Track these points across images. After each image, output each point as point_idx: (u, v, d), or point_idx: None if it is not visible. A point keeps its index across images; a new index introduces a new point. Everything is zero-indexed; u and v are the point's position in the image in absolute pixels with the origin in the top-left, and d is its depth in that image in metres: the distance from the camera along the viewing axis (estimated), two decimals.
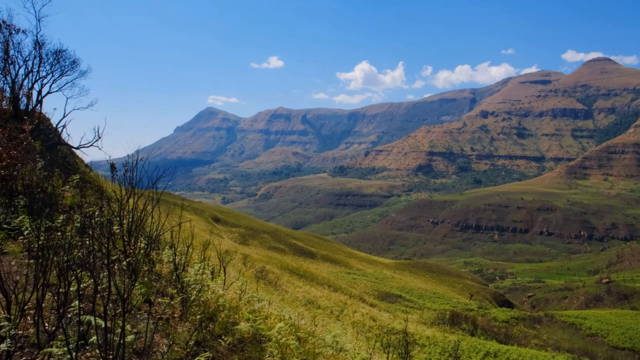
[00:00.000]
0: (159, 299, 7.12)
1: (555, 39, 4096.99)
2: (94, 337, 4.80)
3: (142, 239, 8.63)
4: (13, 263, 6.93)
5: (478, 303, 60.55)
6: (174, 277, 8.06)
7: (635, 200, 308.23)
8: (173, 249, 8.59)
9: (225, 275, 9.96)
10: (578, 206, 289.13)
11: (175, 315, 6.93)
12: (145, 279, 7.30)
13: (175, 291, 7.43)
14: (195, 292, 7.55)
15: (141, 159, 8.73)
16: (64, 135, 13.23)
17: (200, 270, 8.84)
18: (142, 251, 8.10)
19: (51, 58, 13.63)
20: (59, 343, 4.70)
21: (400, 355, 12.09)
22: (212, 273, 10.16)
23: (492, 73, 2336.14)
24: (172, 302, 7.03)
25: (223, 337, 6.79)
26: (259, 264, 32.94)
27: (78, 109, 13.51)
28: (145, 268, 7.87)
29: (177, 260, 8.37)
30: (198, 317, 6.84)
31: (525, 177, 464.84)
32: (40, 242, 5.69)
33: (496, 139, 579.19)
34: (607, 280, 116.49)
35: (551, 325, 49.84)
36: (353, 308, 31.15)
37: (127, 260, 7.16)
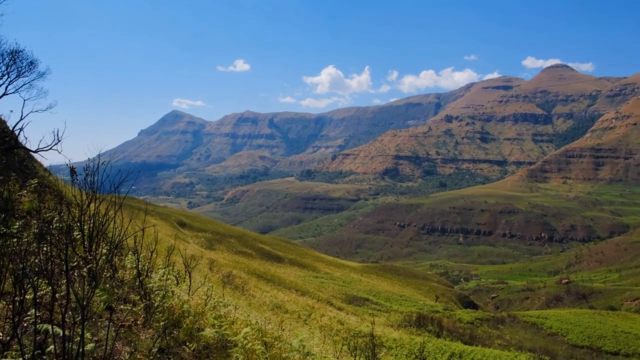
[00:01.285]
0: (122, 306, 6.94)
1: (515, 45, 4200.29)
2: (52, 347, 4.64)
3: (104, 244, 8.42)
4: None
5: (444, 305, 61.36)
6: (137, 284, 7.88)
7: (592, 202, 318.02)
8: (136, 254, 8.41)
9: (190, 280, 9.81)
10: (539, 209, 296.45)
11: (138, 322, 6.77)
12: (107, 285, 7.11)
13: (138, 297, 7.26)
14: (159, 298, 7.40)
15: (103, 163, 8.53)
16: (21, 139, 12.80)
17: (165, 276, 8.67)
18: (103, 257, 7.89)
19: (7, 58, 13.17)
20: (13, 353, 4.53)
21: (367, 358, 12.11)
22: (177, 278, 9.99)
23: (456, 78, 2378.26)
24: (134, 309, 6.86)
25: (188, 344, 6.67)
26: (226, 268, 32.60)
27: (36, 111, 13.09)
28: (107, 274, 7.67)
29: (140, 266, 8.19)
30: (162, 323, 6.70)
31: (488, 181, 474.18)
32: None
33: (460, 143, 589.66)
34: (566, 280, 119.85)
35: (514, 326, 50.87)
36: (321, 312, 31.12)
37: (88, 266, 6.97)
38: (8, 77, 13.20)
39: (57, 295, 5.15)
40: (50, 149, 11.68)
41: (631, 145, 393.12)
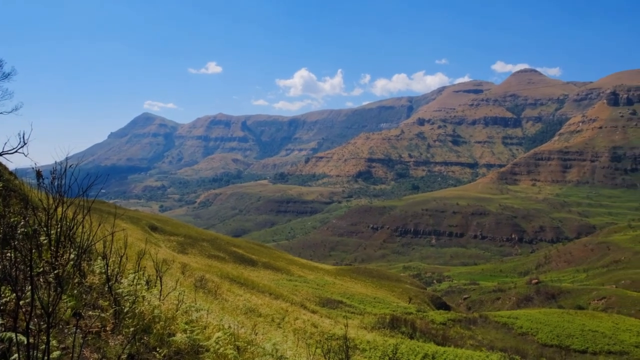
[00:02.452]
0: (90, 312, 6.80)
1: (485, 50, 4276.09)
2: (15, 355, 4.51)
3: (71, 249, 8.23)
4: None
5: (417, 306, 61.84)
6: (106, 289, 7.73)
7: (560, 204, 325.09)
8: (105, 259, 8.25)
9: (161, 285, 9.66)
10: (509, 210, 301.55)
11: (107, 328, 6.64)
12: (75, 291, 6.95)
13: (107, 303, 7.12)
14: (129, 304, 7.27)
15: (71, 166, 8.34)
16: None
17: (135, 281, 8.52)
18: (71, 262, 7.72)
19: None
20: None
21: None
22: (147, 283, 9.83)
23: (428, 82, 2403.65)
24: (103, 315, 6.73)
25: (158, 349, 6.56)
26: (199, 272, 32.26)
27: (1, 113, 12.77)
28: (75, 280, 7.50)
29: (109, 271, 8.04)
30: (132, 329, 6.58)
31: (460, 183, 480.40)
32: None
33: (432, 146, 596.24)
34: (536, 281, 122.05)
35: (485, 326, 51.57)
36: (294, 315, 31.04)
37: (55, 272, 6.80)
38: None
39: (21, 302, 5.01)
40: (16, 151, 11.39)
41: (597, 148, 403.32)
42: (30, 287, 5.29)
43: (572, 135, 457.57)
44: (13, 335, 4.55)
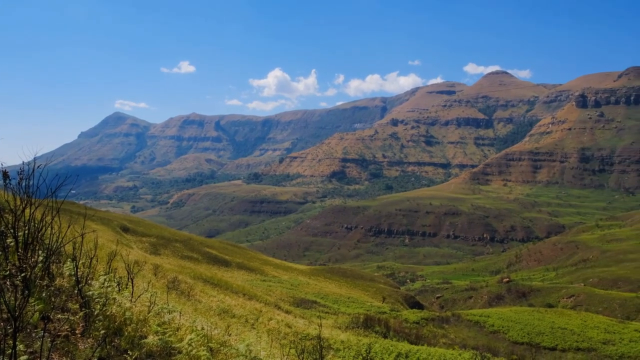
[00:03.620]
0: (59, 315, 6.67)
1: (457, 52, 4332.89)
2: None
3: (40, 252, 8.06)
4: None
5: (390, 306, 62.26)
6: (76, 292, 7.59)
7: (531, 204, 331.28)
8: (75, 261, 8.10)
9: (133, 287, 9.54)
10: (481, 210, 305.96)
11: (77, 331, 6.52)
12: (44, 294, 6.81)
13: (77, 306, 7.00)
14: (99, 306, 7.15)
15: (39, 166, 8.17)
16: None
17: (106, 283, 8.40)
18: (40, 265, 7.56)
19: None
20: None
21: None
22: (119, 285, 9.70)
23: (401, 83, 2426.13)
24: (73, 318, 6.60)
25: (129, 352, 6.47)
26: (171, 274, 31.90)
27: None
28: (44, 283, 7.35)
29: (79, 273, 7.89)
30: (102, 332, 6.48)
31: (433, 183, 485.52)
32: None
33: (406, 146, 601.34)
34: (507, 279, 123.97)
35: (458, 324, 52.21)
36: (268, 315, 30.94)
37: (22, 275, 6.65)
38: None
39: None
40: None
41: (566, 149, 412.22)
42: None
43: (542, 136, 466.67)
44: None
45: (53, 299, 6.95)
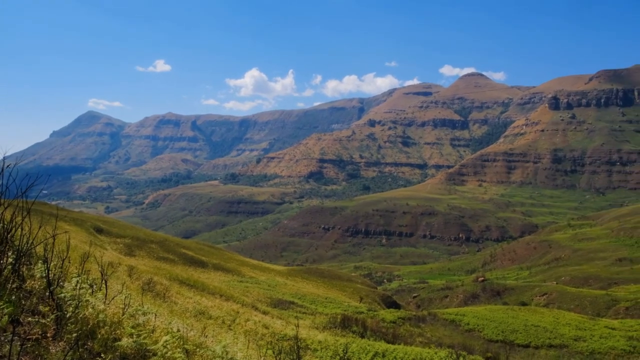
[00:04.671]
0: (29, 318, 6.51)
1: (433, 53, 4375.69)
2: None
3: (10, 253, 7.87)
4: None
5: (368, 305, 62.54)
6: (47, 294, 7.43)
7: (505, 204, 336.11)
8: (46, 263, 7.92)
9: (107, 288, 9.37)
10: (457, 210, 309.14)
11: (48, 334, 6.38)
12: (13, 297, 6.65)
13: (48, 309, 6.84)
14: (71, 309, 7.01)
15: (8, 166, 7.97)
16: None
17: (79, 285, 8.23)
18: (9, 267, 7.38)
19: None
20: None
21: None
22: (92, 287, 9.51)
23: (378, 84, 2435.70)
24: (44, 321, 6.45)
25: (103, 355, 6.36)
26: (147, 275, 31.51)
27: None
28: (14, 285, 7.17)
29: (51, 275, 7.72)
30: (74, 335, 6.34)
31: (410, 184, 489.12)
32: None
33: (383, 147, 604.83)
34: (482, 278, 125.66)
35: (434, 323, 52.70)
36: (245, 316, 30.80)
37: None
38: None
39: None
40: None
41: (539, 150, 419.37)
42: None
43: (516, 137, 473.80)
44: None
45: (23, 302, 6.79)
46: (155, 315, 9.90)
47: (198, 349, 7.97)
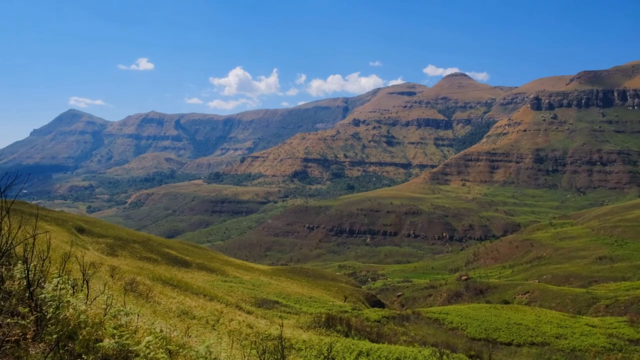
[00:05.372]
0: (8, 320, 6.40)
1: (417, 53, 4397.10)
2: None
3: None
4: None
5: (352, 305, 62.64)
6: (27, 295, 7.31)
7: (488, 203, 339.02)
8: (26, 263, 7.80)
9: (88, 289, 9.25)
10: (440, 210, 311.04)
11: (28, 336, 6.28)
12: None
13: (27, 310, 6.73)
14: (52, 310, 6.90)
15: None
16: None
17: (59, 286, 8.12)
18: None
19: None
20: None
21: None
22: (73, 288, 9.39)
23: (362, 83, 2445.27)
24: (23, 322, 6.35)
25: (84, 356, 6.28)
26: (129, 275, 31.21)
27: None
28: None
29: (31, 276, 7.60)
30: (55, 336, 6.25)
31: (394, 183, 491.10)
32: None
33: (367, 146, 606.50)
34: (465, 277, 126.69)
35: (418, 322, 52.96)
36: (229, 316, 30.66)
37: None
38: None
39: None
40: None
41: (522, 150, 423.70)
42: None
43: (498, 137, 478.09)
44: None
45: (2, 303, 6.67)
46: (138, 315, 9.81)
47: (181, 350, 7.91)
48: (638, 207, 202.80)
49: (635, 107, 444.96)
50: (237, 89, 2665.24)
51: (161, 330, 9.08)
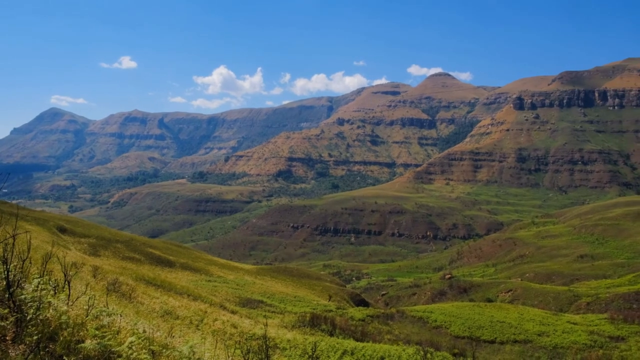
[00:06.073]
0: None
1: (401, 53, 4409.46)
2: None
3: None
4: None
5: (336, 304, 62.74)
6: (6, 296, 7.19)
7: (472, 202, 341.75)
8: (6, 264, 7.67)
9: (70, 289, 9.14)
10: (424, 209, 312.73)
11: (8, 337, 6.18)
12: None
13: (7, 311, 6.62)
14: (32, 311, 6.80)
15: None
16: None
17: (40, 286, 8.01)
18: None
19: None
20: None
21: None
22: (54, 288, 9.27)
23: (347, 82, 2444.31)
24: (3, 323, 6.25)
25: (65, 358, 6.19)
26: (112, 275, 30.91)
27: None
28: None
29: (11, 277, 7.48)
30: (35, 337, 6.16)
31: (378, 182, 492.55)
32: None
33: (352, 145, 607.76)
34: (449, 276, 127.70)
35: (402, 321, 53.20)
36: (213, 316, 30.52)
37: None
38: None
39: None
40: None
41: (504, 150, 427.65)
42: None
43: (482, 137, 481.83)
44: None
45: None
46: (121, 316, 9.72)
47: (164, 350, 7.85)
48: (618, 205, 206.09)
49: (616, 107, 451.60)
50: (221, 88, 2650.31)
51: (144, 331, 9.00)
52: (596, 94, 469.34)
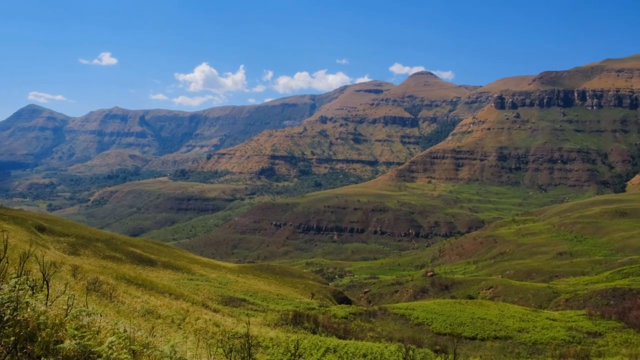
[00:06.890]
0: None
1: (384, 52, 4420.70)
2: None
3: None
4: None
5: (319, 302, 62.77)
6: None
7: (453, 200, 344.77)
8: None
9: (48, 289, 9.00)
10: (407, 207, 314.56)
11: None
12: None
13: None
14: (9, 311, 6.68)
15: None
16: None
17: (17, 286, 7.87)
18: None
19: None
20: None
21: (243, 358, 11.99)
22: (33, 288, 9.11)
23: (329, 81, 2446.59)
24: None
25: (43, 359, 6.09)
26: (92, 275, 30.52)
27: None
28: None
29: None
30: (12, 338, 6.05)
31: (361, 180, 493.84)
32: None
33: (335, 143, 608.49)
34: (431, 273, 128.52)
35: (385, 318, 53.45)
36: (195, 315, 30.33)
37: None
38: None
39: None
40: None
41: (486, 148, 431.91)
42: None
43: (463, 135, 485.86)
44: None
45: None
46: (101, 315, 9.60)
47: (145, 349, 7.77)
48: (596, 204, 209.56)
49: (594, 107, 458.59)
50: (203, 85, 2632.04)
51: (125, 330, 8.90)
52: (575, 94, 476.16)
